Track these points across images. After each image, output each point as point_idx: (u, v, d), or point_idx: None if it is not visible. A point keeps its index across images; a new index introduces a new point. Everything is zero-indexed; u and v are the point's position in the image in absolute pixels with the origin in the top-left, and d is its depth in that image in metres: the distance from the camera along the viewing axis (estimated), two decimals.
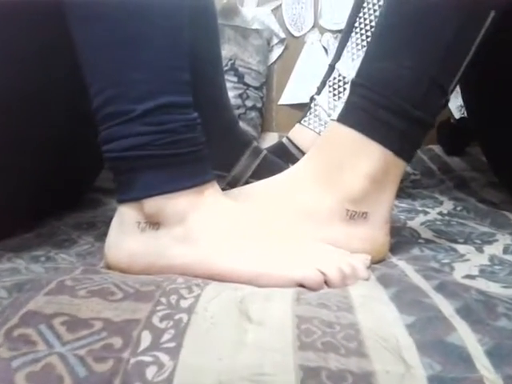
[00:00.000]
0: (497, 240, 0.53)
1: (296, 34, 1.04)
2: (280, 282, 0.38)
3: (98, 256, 0.45)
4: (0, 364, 0.27)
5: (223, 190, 0.45)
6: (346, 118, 0.46)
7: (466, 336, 0.29)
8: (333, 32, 1.03)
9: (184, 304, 0.33)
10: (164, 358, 0.28)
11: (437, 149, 1.04)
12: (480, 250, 0.49)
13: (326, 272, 0.39)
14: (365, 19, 0.64)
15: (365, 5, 0.65)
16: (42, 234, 0.50)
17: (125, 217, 0.41)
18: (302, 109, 1.08)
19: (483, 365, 0.27)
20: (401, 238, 0.52)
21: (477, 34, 0.45)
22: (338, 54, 0.68)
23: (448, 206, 0.68)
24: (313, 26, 1.03)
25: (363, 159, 0.45)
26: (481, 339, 0.29)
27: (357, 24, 0.65)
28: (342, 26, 1.05)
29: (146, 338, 0.29)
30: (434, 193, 0.76)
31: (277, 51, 1.04)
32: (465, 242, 0.52)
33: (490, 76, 0.62)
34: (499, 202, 0.71)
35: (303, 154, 0.67)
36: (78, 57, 0.40)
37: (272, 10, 1.02)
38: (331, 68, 0.69)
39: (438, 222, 0.60)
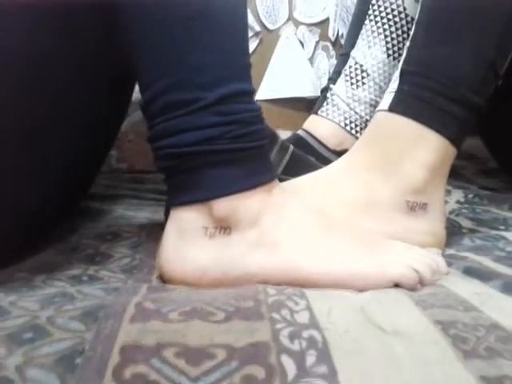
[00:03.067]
0: None
1: (271, 27, 1.00)
2: (377, 282, 0.35)
3: (145, 270, 0.39)
4: None
5: None
6: (399, 107, 0.44)
7: None
8: (308, 25, 1.01)
9: (301, 319, 0.29)
10: None
11: None
12: None
13: (418, 269, 0.36)
14: (379, 6, 0.62)
15: None
16: (61, 250, 0.43)
17: (187, 222, 0.36)
18: (280, 103, 1.05)
19: None
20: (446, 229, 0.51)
21: None
22: (351, 42, 0.66)
23: (458, 194, 0.68)
24: (288, 19, 1.00)
25: (421, 148, 0.43)
26: None
27: (370, 11, 0.63)
28: (317, 19, 1.04)
29: (289, 365, 0.24)
30: None
31: (251, 45, 0.99)
32: (506, 229, 0.51)
33: None
34: (500, 189, 0.73)
35: (324, 146, 0.64)
36: (129, 45, 0.34)
37: None
38: (345, 57, 0.67)
39: (465, 211, 0.59)
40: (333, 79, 0.67)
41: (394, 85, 0.46)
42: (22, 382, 0.23)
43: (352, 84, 0.64)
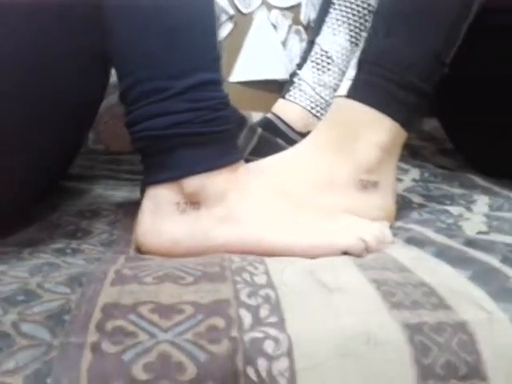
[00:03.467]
0: (476, 200, 0.58)
1: (244, 10, 1.03)
2: (328, 251, 0.39)
3: (122, 244, 0.43)
4: (110, 359, 0.26)
5: None
6: (355, 93, 0.48)
7: None
8: (281, 9, 1.04)
9: (260, 280, 0.33)
10: (274, 332, 0.28)
11: None
12: (470, 210, 0.54)
13: (365, 239, 0.41)
14: None
15: None
16: (44, 226, 0.46)
17: (161, 199, 0.40)
18: (254, 85, 1.09)
19: None
20: (397, 205, 0.56)
21: (469, 11, 0.49)
22: (317, 29, 0.70)
23: (415, 172, 0.74)
24: (261, 3, 1.03)
25: (375, 131, 0.48)
26: None
27: (335, 1, 0.67)
28: (289, 3, 1.07)
29: (246, 316, 0.29)
30: None
31: (226, 28, 1.02)
32: (452, 204, 0.57)
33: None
34: (453, 167, 0.79)
35: (292, 129, 0.68)
36: (107, 36, 0.38)
37: None
38: (311, 43, 0.70)
39: (418, 188, 0.64)
40: (300, 65, 0.71)
41: (352, 72, 0.50)
42: (18, 335, 0.27)
43: (318, 70, 0.68)
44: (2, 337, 0.27)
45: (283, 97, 0.71)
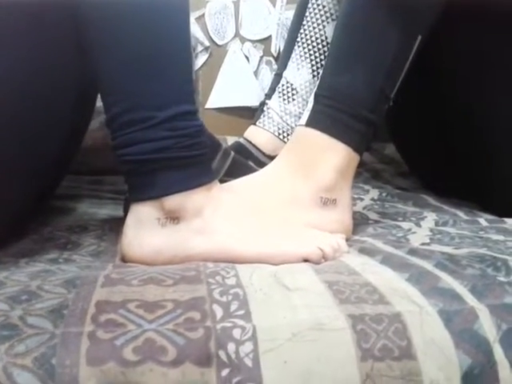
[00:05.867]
0: (426, 216, 0.66)
1: (219, 42, 1.10)
2: (290, 259, 0.45)
3: (109, 254, 0.48)
4: (105, 344, 0.31)
5: None
6: (313, 123, 0.55)
7: (451, 282, 0.39)
8: (252, 41, 1.12)
9: (230, 282, 0.39)
10: (241, 322, 0.34)
11: None
12: (418, 225, 0.61)
13: (323, 248, 0.47)
14: (305, 34, 0.74)
15: (304, 22, 0.75)
16: (38, 239, 0.51)
17: (143, 214, 0.45)
18: (228, 112, 1.16)
19: (470, 299, 0.37)
20: (355, 221, 0.62)
21: (409, 54, 0.57)
22: (284, 63, 0.78)
23: (374, 193, 0.81)
24: (234, 36, 1.10)
25: (331, 155, 0.54)
26: (461, 282, 0.39)
27: (299, 39, 0.75)
28: (261, 36, 1.16)
29: (218, 310, 0.35)
30: (358, 183, 0.89)
31: (201, 58, 1.10)
32: (403, 220, 0.64)
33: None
34: (410, 188, 0.86)
35: (261, 152, 0.75)
36: (94, 70, 0.44)
37: (195, 19, 1.08)
38: (279, 76, 0.78)
39: (376, 206, 0.72)
40: (268, 95, 0.79)
41: (310, 105, 0.57)
42: (24, 326, 0.32)
43: (284, 100, 0.76)
44: (12, 327, 0.32)
45: (254, 124, 0.78)
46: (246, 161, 0.69)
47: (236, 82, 1.12)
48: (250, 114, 1.14)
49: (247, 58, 1.12)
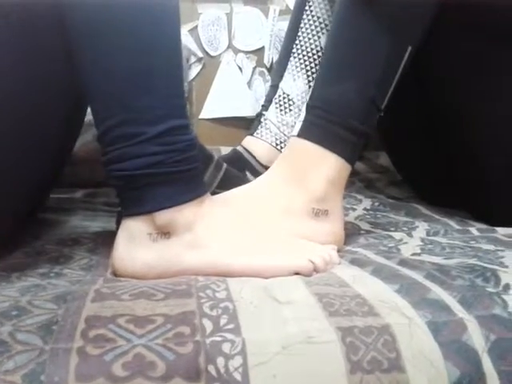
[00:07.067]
0: (417, 226, 0.66)
1: (212, 53, 1.11)
2: (282, 273, 0.45)
3: (100, 268, 0.48)
4: (94, 360, 0.31)
5: None
6: (305, 133, 0.56)
7: (440, 293, 0.40)
8: (245, 52, 1.12)
9: (220, 295, 0.39)
10: (230, 336, 0.34)
11: None
12: (410, 235, 0.61)
13: (314, 261, 0.47)
14: (301, 45, 0.75)
15: (299, 33, 0.76)
16: (30, 253, 0.51)
17: (134, 229, 0.45)
18: (221, 122, 1.16)
19: (459, 310, 0.37)
20: (347, 231, 0.63)
21: (399, 65, 0.58)
22: (279, 75, 0.79)
23: (367, 202, 0.81)
24: (227, 47, 1.11)
25: (322, 166, 0.55)
26: (451, 293, 0.40)
27: (294, 50, 0.76)
28: (254, 47, 1.16)
29: (208, 324, 0.35)
30: (351, 192, 0.89)
31: (195, 69, 1.10)
32: (395, 230, 0.64)
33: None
34: (403, 197, 0.87)
35: (258, 162, 0.75)
36: (84, 84, 0.44)
37: (189, 31, 1.09)
38: (275, 87, 0.79)
39: (368, 216, 0.72)
40: (265, 106, 0.80)
41: (302, 116, 0.57)
42: (15, 342, 0.32)
43: (281, 111, 0.77)
44: (1, 343, 0.32)
45: (251, 134, 0.79)
46: (240, 172, 0.69)
47: (229, 93, 1.12)
48: (244, 125, 1.15)
49: (240, 68, 1.13)
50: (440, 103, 0.69)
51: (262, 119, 0.80)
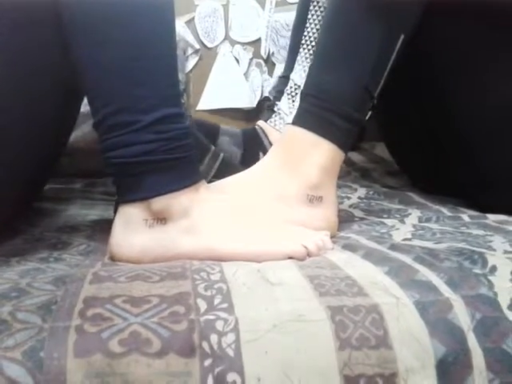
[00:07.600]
0: (410, 213, 0.67)
1: (209, 45, 1.12)
2: (275, 257, 0.47)
3: (98, 253, 0.49)
4: (91, 337, 0.32)
5: None
6: (299, 121, 0.57)
7: (428, 274, 0.41)
8: (242, 44, 1.13)
9: (215, 277, 0.40)
10: (224, 315, 0.35)
11: None
12: (402, 222, 0.62)
13: (307, 246, 0.48)
14: (309, 37, 0.77)
15: (307, 25, 0.77)
16: (29, 239, 0.52)
17: (131, 215, 0.47)
18: (219, 113, 1.17)
19: (446, 290, 0.39)
20: (341, 218, 0.64)
21: (392, 53, 0.59)
22: (290, 66, 0.81)
23: (362, 191, 0.83)
24: (224, 38, 1.12)
25: (316, 153, 0.56)
26: (438, 275, 0.41)
27: (303, 41, 0.78)
28: (250, 38, 1.17)
29: (202, 304, 0.36)
30: (346, 182, 0.90)
31: (192, 61, 1.11)
32: (388, 217, 0.65)
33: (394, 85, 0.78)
34: (399, 186, 0.88)
35: (271, 145, 0.78)
36: (80, 75, 0.45)
37: (185, 23, 1.09)
38: (286, 78, 0.82)
39: (362, 204, 0.73)
40: (277, 97, 0.83)
41: (297, 103, 0.58)
42: (15, 321, 0.33)
43: (293, 101, 0.80)
44: (2, 322, 0.33)
45: (265, 121, 0.82)
46: (234, 162, 0.71)
47: (226, 84, 1.13)
48: (241, 116, 1.16)
49: (237, 60, 1.13)
50: (435, 92, 0.70)
51: (275, 109, 0.83)
